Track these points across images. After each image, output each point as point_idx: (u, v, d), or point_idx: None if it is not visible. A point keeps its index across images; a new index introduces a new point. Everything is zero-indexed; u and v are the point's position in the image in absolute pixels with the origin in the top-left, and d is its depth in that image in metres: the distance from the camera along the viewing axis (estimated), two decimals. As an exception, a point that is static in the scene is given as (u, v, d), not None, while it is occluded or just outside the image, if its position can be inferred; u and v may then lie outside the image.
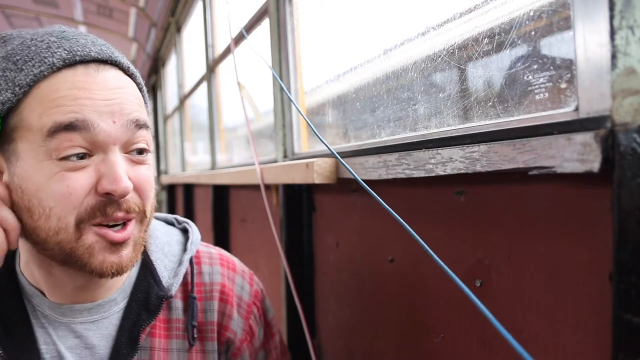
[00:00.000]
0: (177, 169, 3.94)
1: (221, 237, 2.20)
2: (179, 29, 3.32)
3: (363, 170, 0.84)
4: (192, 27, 3.07)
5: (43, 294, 0.66)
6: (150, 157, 0.63)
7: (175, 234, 0.78)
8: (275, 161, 1.40)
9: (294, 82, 1.33)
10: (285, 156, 1.36)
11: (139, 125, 0.60)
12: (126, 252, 0.60)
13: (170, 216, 0.84)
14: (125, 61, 0.63)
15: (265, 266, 1.56)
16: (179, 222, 0.82)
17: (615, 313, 0.41)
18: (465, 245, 0.66)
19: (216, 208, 2.22)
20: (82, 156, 0.56)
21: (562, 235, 0.52)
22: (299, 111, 1.08)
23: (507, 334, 0.40)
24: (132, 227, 0.60)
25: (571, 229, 0.51)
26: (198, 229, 0.80)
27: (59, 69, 0.56)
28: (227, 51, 2.02)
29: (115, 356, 0.65)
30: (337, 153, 0.99)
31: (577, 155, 0.43)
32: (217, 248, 0.83)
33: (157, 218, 0.81)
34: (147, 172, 0.62)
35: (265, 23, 1.47)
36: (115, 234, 0.58)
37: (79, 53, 0.57)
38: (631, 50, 0.41)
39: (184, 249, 0.75)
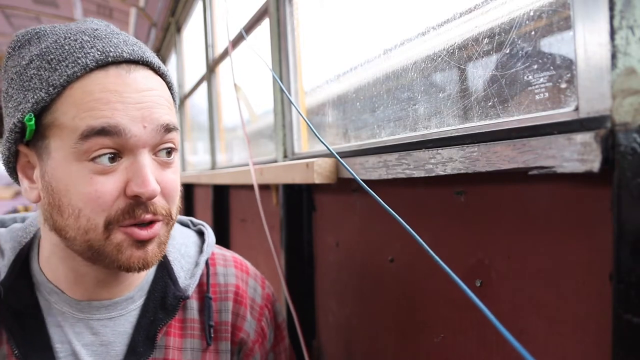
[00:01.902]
0: (177, 169, 3.93)
1: (221, 237, 2.19)
2: (179, 29, 3.32)
3: (363, 170, 0.84)
4: (192, 27, 3.07)
5: (61, 291, 0.66)
6: (177, 158, 0.64)
7: (191, 235, 0.80)
8: (275, 161, 1.40)
9: (294, 82, 1.33)
10: (285, 156, 1.36)
11: (169, 129, 0.60)
12: (151, 247, 0.61)
13: (185, 218, 0.84)
14: (156, 61, 0.64)
15: (266, 266, 1.56)
16: (194, 224, 0.84)
17: (615, 313, 0.41)
18: (465, 245, 0.66)
19: (216, 208, 2.22)
20: (111, 158, 0.57)
21: (562, 235, 0.52)
22: (299, 112, 1.08)
23: (508, 333, 0.40)
24: (158, 227, 0.61)
25: (571, 229, 0.51)
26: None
27: (92, 69, 0.57)
28: (227, 51, 2.02)
29: (132, 354, 0.66)
30: (337, 153, 0.99)
31: (577, 155, 0.43)
32: (230, 251, 0.84)
33: None
34: (173, 176, 0.63)
35: (265, 23, 1.47)
36: (141, 232, 0.59)
37: (111, 54, 0.58)
38: (631, 50, 0.41)
39: (200, 251, 0.77)
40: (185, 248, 0.76)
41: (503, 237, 0.60)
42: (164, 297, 0.69)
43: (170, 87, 0.66)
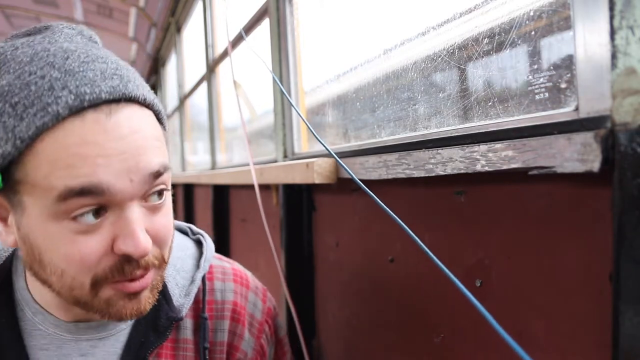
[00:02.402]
0: (177, 169, 3.94)
1: (221, 237, 2.20)
2: (179, 29, 3.32)
3: (363, 170, 0.84)
4: (192, 27, 3.07)
5: (48, 312, 0.62)
6: (169, 196, 0.58)
7: (189, 246, 0.75)
8: (275, 161, 1.41)
9: (294, 82, 1.33)
10: (285, 156, 1.36)
11: (159, 174, 0.53)
12: (144, 295, 0.56)
13: (184, 225, 0.80)
14: (141, 92, 0.54)
15: (265, 266, 1.56)
16: (194, 233, 0.78)
17: (615, 313, 0.41)
18: (465, 245, 0.66)
19: (216, 208, 2.22)
20: (96, 213, 0.50)
21: (562, 235, 0.52)
22: (299, 114, 1.08)
23: (505, 334, 0.40)
24: (150, 275, 0.56)
25: (571, 229, 0.51)
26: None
27: (65, 118, 0.48)
28: (227, 51, 2.02)
29: None
30: (337, 153, 0.99)
31: (577, 155, 0.43)
32: (230, 261, 0.79)
33: None
34: (164, 219, 0.57)
35: (265, 23, 1.47)
36: (133, 285, 0.54)
37: (87, 97, 0.49)
38: (631, 50, 0.41)
39: (197, 265, 0.71)
40: (182, 262, 0.71)
41: (503, 237, 0.60)
42: (156, 318, 0.64)
43: (159, 117, 0.58)
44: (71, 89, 0.49)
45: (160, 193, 0.55)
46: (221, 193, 2.19)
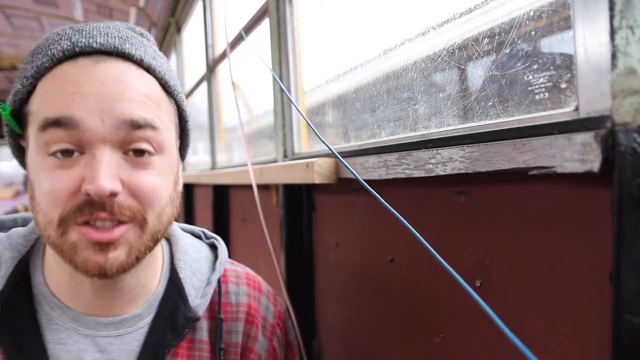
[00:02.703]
0: (177, 169, 3.93)
1: (221, 237, 2.18)
2: (179, 29, 3.32)
3: (363, 170, 0.84)
4: (192, 27, 3.07)
5: (65, 305, 0.63)
6: (158, 161, 0.58)
7: (203, 250, 0.76)
8: (275, 161, 1.41)
9: (294, 82, 1.33)
10: (285, 156, 1.36)
11: (136, 125, 0.54)
12: (114, 254, 0.55)
13: (197, 229, 0.81)
14: (141, 53, 0.58)
15: (266, 266, 1.56)
16: (207, 237, 0.80)
17: (615, 313, 0.41)
18: (465, 245, 0.66)
19: (216, 208, 2.22)
20: (68, 154, 0.53)
21: (562, 235, 0.52)
22: (300, 112, 1.08)
23: (509, 331, 0.40)
24: (124, 230, 0.55)
25: (571, 229, 0.51)
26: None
27: (60, 61, 0.55)
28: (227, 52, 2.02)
29: None
30: (337, 153, 0.99)
31: (577, 155, 0.43)
32: (242, 266, 0.81)
33: (184, 230, 0.79)
34: (150, 178, 0.57)
35: (265, 23, 1.47)
36: (97, 234, 0.54)
37: (79, 44, 0.55)
38: (631, 50, 0.41)
39: (213, 268, 0.73)
40: (197, 264, 0.72)
41: (503, 237, 0.60)
42: (173, 317, 0.66)
43: (163, 83, 0.60)
44: (72, 39, 0.56)
45: (140, 153, 0.56)
46: (221, 193, 2.19)
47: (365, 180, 0.73)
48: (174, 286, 0.68)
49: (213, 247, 0.77)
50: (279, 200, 1.30)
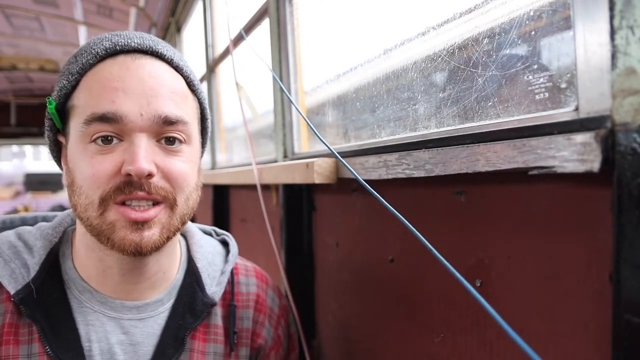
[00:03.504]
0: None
1: (221, 237, 2.19)
2: (179, 29, 3.32)
3: (363, 170, 0.84)
4: (192, 27, 3.07)
5: (94, 289, 0.68)
6: (188, 149, 0.66)
7: (215, 245, 0.83)
8: (275, 161, 1.40)
9: (294, 83, 1.33)
10: (285, 156, 1.36)
11: (169, 121, 0.62)
12: (148, 233, 0.61)
13: (208, 227, 0.88)
14: (171, 54, 0.67)
15: (266, 266, 1.56)
16: (218, 234, 0.87)
17: (615, 313, 0.41)
18: (465, 245, 0.66)
19: (216, 208, 2.22)
20: (109, 140, 0.61)
21: (562, 235, 0.52)
22: (300, 112, 1.08)
23: (512, 331, 0.40)
24: (158, 210, 0.62)
25: (571, 229, 0.50)
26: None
27: (103, 58, 0.63)
28: (227, 51, 2.02)
29: (161, 355, 0.68)
30: (337, 153, 0.99)
31: (577, 155, 0.43)
32: (250, 262, 0.88)
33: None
34: (180, 163, 0.64)
35: (265, 23, 1.47)
36: (134, 213, 0.60)
37: (120, 43, 0.63)
38: (631, 50, 0.41)
39: (225, 260, 0.80)
40: (212, 257, 0.79)
41: (503, 237, 0.60)
42: (192, 302, 0.72)
43: (189, 82, 0.69)
44: (113, 40, 0.64)
45: (171, 141, 0.64)
46: (221, 193, 2.19)
47: (365, 180, 0.73)
48: (192, 275, 0.75)
49: (224, 243, 0.85)
50: (279, 200, 1.30)
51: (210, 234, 0.86)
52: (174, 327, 0.70)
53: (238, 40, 1.71)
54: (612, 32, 0.41)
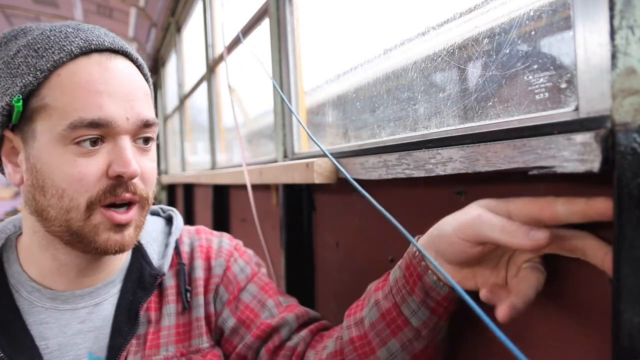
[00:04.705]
0: (177, 169, 3.94)
1: (221, 237, 2.19)
2: (179, 29, 3.32)
3: (363, 170, 0.84)
4: (192, 27, 3.07)
5: (43, 287, 0.68)
6: (154, 147, 0.69)
7: (159, 222, 0.84)
8: (275, 161, 1.41)
9: (294, 83, 1.33)
10: (285, 156, 1.36)
11: (148, 124, 0.65)
12: (128, 232, 0.65)
13: (155, 207, 0.87)
14: (134, 52, 0.68)
15: (265, 266, 1.56)
16: (164, 211, 0.88)
17: (615, 313, 0.41)
18: (465, 245, 0.66)
19: (216, 208, 2.22)
20: (93, 142, 0.61)
21: (562, 235, 0.51)
22: (298, 120, 1.08)
23: (502, 335, 0.40)
24: (134, 211, 0.65)
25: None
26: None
27: (76, 56, 0.61)
28: (227, 52, 2.02)
29: (118, 334, 0.69)
30: (337, 153, 0.99)
31: (577, 155, 0.43)
32: (196, 226, 0.89)
33: None
34: (150, 163, 0.67)
35: (265, 23, 1.47)
36: (119, 216, 0.63)
37: (94, 42, 0.63)
38: (631, 50, 0.41)
39: (169, 233, 0.82)
40: (156, 234, 0.81)
41: (503, 237, 0.60)
42: (140, 277, 0.73)
43: (147, 80, 0.70)
44: (82, 37, 0.63)
45: (146, 140, 0.67)
46: (221, 193, 2.19)
47: (366, 181, 0.73)
48: (138, 252, 0.77)
49: (169, 219, 0.86)
50: (279, 200, 1.30)
51: (157, 213, 0.87)
52: (125, 305, 0.71)
53: (237, 42, 1.71)
54: (612, 32, 0.41)
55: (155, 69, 4.71)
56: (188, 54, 3.28)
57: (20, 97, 0.60)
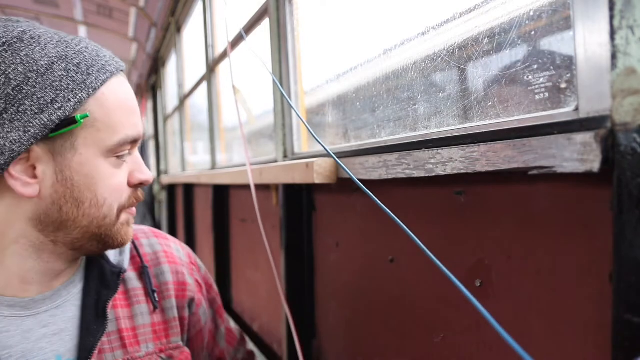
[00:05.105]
0: (177, 169, 3.94)
1: (221, 237, 2.19)
2: (179, 29, 3.32)
3: (363, 170, 0.84)
4: (192, 27, 3.07)
5: (3, 295, 0.66)
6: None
7: None
8: (275, 161, 1.40)
9: (294, 83, 1.33)
10: (285, 156, 1.36)
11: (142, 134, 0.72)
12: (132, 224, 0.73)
13: None
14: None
15: (266, 266, 1.56)
16: None
17: (615, 313, 0.41)
18: (465, 246, 0.66)
19: (216, 208, 2.22)
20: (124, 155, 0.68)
21: (562, 235, 0.52)
22: (299, 116, 1.08)
23: (506, 333, 0.40)
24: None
25: (571, 229, 0.51)
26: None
27: (113, 75, 0.66)
28: (227, 52, 2.02)
29: (86, 333, 0.69)
30: (337, 153, 0.99)
31: (577, 155, 0.43)
32: (146, 226, 0.92)
33: None
34: None
35: (265, 23, 1.47)
36: (134, 210, 0.72)
37: (118, 64, 0.68)
38: (631, 50, 0.41)
39: None
40: None
41: (503, 237, 0.60)
42: (102, 275, 0.75)
43: None
44: (107, 58, 0.67)
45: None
46: (221, 193, 2.19)
47: (366, 181, 0.73)
48: None
49: None
50: (279, 200, 1.30)
51: None
52: (91, 304, 0.72)
53: (237, 41, 1.71)
54: (612, 32, 0.41)
55: (155, 69, 4.71)
56: (188, 54, 3.28)
57: (82, 114, 0.62)
